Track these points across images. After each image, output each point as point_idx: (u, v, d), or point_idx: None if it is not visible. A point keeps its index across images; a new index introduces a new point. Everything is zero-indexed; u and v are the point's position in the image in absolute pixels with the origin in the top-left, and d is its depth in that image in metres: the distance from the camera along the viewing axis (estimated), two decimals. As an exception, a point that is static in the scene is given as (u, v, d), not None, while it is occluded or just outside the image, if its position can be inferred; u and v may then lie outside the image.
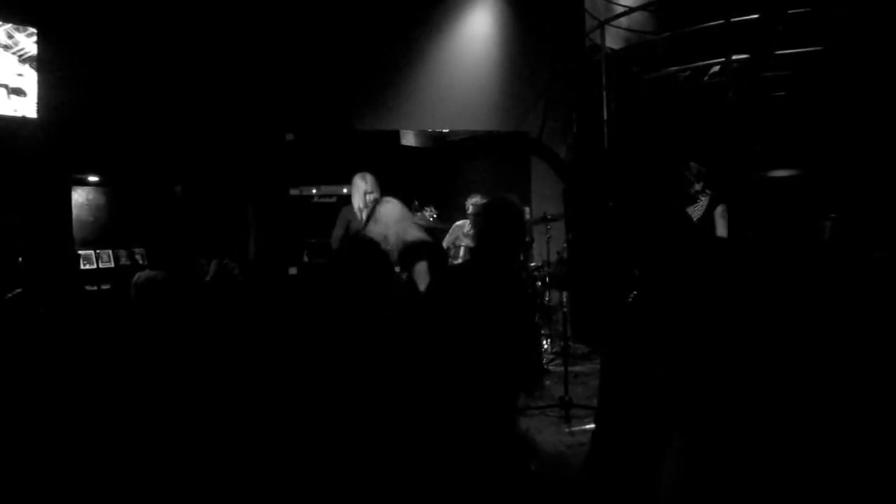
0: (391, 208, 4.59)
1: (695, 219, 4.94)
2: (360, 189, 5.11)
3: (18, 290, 3.84)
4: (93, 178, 6.49)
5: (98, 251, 6.42)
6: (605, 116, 6.34)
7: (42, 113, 5.56)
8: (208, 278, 3.20)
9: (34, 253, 5.35)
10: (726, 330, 1.99)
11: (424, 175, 7.37)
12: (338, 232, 5.19)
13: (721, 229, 4.85)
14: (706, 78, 5.83)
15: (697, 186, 4.87)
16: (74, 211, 6.24)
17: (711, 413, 1.91)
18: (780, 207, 5.21)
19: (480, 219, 2.90)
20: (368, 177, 5.07)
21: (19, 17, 5.45)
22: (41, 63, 5.53)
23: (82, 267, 6.21)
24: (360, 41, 6.43)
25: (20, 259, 4.94)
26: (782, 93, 5.38)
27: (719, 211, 4.90)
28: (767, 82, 5.40)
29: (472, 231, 4.74)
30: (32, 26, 5.49)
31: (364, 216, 4.79)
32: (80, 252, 6.22)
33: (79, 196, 6.42)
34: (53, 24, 5.60)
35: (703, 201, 4.97)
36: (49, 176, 5.81)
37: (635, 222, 2.56)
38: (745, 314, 2.04)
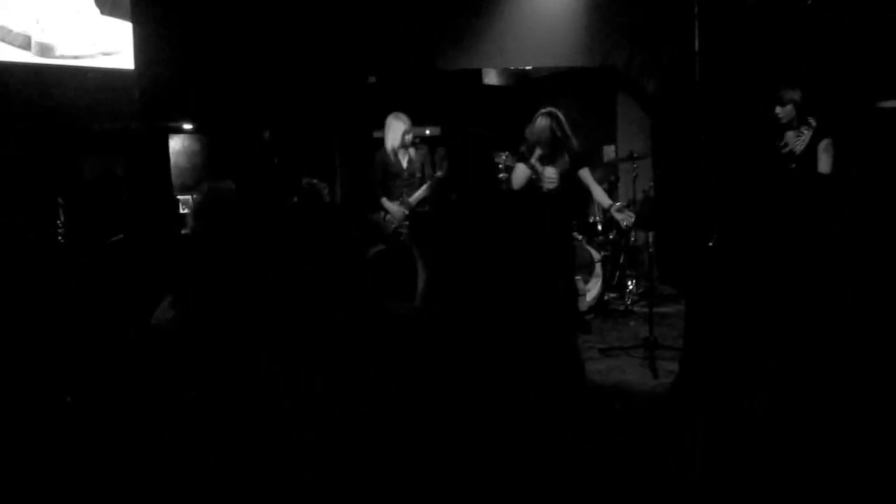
0: None
1: (797, 152, 4.66)
2: (398, 130, 5.09)
3: (120, 236, 4.08)
4: (187, 126, 6.76)
5: (195, 196, 6.70)
6: (697, 47, 6.01)
7: (139, 65, 5.81)
8: (295, 199, 3.23)
9: (136, 198, 5.67)
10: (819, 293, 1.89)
11: (507, 115, 7.25)
12: (377, 176, 5.20)
13: (824, 165, 4.55)
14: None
15: (781, 113, 4.60)
16: (172, 158, 6.53)
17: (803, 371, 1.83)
18: (890, 143, 4.82)
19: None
20: (404, 116, 5.04)
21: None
22: (135, 17, 5.75)
23: (181, 211, 6.54)
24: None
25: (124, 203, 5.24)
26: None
27: (823, 145, 4.59)
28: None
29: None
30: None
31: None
32: (178, 197, 6.53)
33: (175, 143, 6.70)
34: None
35: (806, 134, 4.67)
36: (148, 125, 6.10)
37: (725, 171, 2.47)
38: (838, 276, 1.92)
